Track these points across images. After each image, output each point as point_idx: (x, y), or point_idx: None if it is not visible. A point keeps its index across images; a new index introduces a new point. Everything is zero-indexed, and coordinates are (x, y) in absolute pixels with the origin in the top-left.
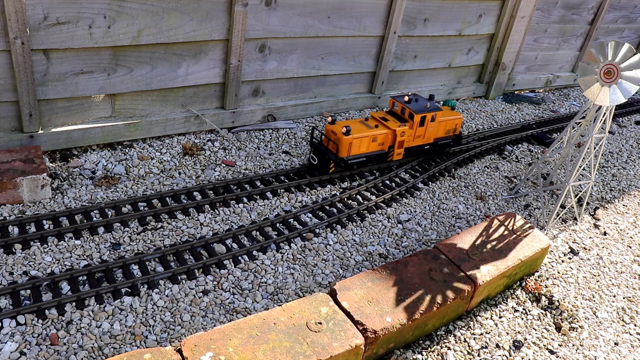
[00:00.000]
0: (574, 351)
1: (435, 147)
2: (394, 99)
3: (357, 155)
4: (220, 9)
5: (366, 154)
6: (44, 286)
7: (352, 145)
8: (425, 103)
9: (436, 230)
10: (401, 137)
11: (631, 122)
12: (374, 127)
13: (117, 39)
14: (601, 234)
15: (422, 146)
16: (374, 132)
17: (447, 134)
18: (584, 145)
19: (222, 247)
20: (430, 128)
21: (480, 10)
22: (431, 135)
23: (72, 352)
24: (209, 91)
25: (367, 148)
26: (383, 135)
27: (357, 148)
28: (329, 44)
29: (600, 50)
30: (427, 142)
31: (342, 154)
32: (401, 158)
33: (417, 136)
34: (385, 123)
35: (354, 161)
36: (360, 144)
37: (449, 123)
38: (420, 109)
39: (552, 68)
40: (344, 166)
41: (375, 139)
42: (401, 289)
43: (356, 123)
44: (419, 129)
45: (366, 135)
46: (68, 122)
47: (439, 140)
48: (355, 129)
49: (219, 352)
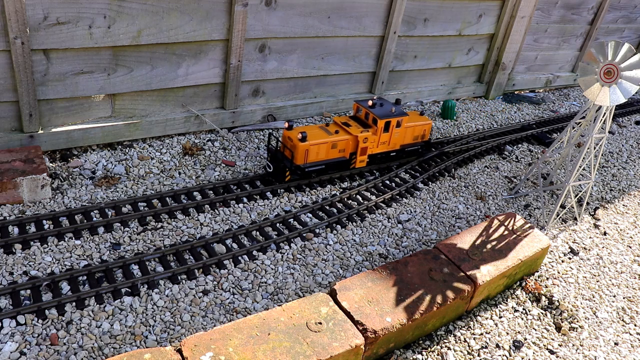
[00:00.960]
0: (574, 351)
1: (402, 154)
2: (358, 103)
3: (315, 162)
4: (220, 9)
5: (325, 161)
6: (44, 286)
7: (308, 152)
8: (391, 108)
9: (436, 230)
10: (364, 144)
11: (631, 122)
12: (334, 133)
13: (117, 39)
14: (601, 234)
15: (387, 153)
16: (334, 138)
17: (415, 140)
18: (584, 145)
19: (222, 247)
20: (396, 134)
21: (480, 10)
22: (397, 142)
23: (72, 352)
24: (209, 91)
25: (326, 155)
26: (344, 142)
27: (314, 155)
28: (329, 44)
29: (600, 50)
30: (393, 148)
31: (298, 161)
32: (364, 166)
33: (381, 142)
34: (347, 129)
35: (312, 169)
36: (319, 151)
37: (417, 129)
38: (384, 114)
39: (552, 68)
40: (301, 174)
41: (335, 145)
42: (401, 289)
43: (315, 129)
44: (383, 135)
45: (325, 141)
46: (68, 122)
47: (406, 146)
48: (312, 135)
49: (219, 352)
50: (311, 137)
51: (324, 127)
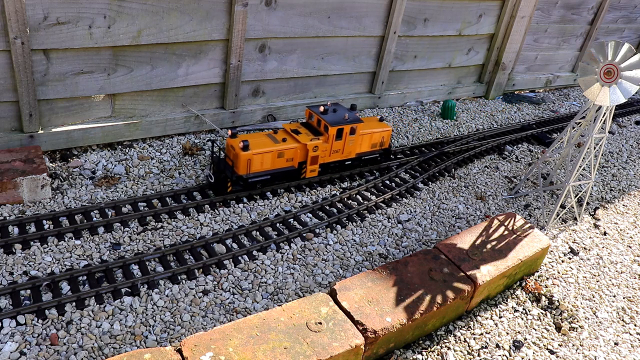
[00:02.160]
0: (574, 351)
1: (358, 162)
2: (310, 110)
3: (259, 172)
4: (220, 9)
5: (271, 171)
6: (44, 286)
7: (251, 162)
8: (344, 114)
9: (436, 230)
10: (314, 152)
11: (631, 122)
12: (281, 141)
13: (117, 39)
14: (601, 234)
15: (342, 162)
16: (280, 146)
17: (374, 148)
18: (584, 145)
19: (222, 247)
20: (350, 142)
21: (480, 10)
22: (352, 150)
23: (72, 352)
24: (209, 91)
25: (272, 164)
26: (292, 150)
27: (258, 165)
28: (329, 44)
29: (600, 50)
30: (348, 157)
31: (240, 171)
32: (316, 175)
33: (334, 151)
34: (295, 136)
35: (256, 179)
36: (263, 160)
37: (375, 136)
38: (336, 120)
39: (552, 68)
40: (244, 185)
41: (282, 154)
42: (401, 289)
43: (261, 137)
44: (335, 143)
45: (269, 150)
46: (68, 122)
47: (363, 155)
48: (256, 144)
49: (219, 352)
50: (255, 146)
51: (272, 134)
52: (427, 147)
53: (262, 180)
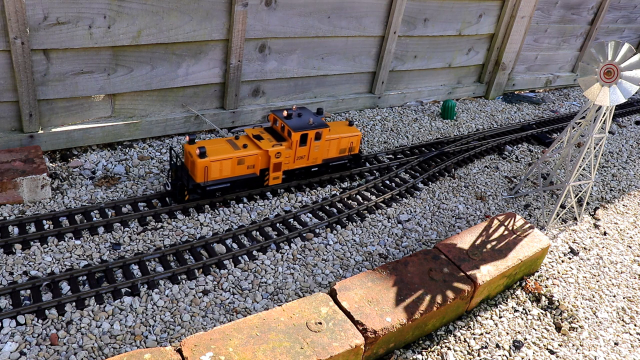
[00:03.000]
0: (574, 351)
1: (326, 169)
2: (274, 114)
3: (218, 180)
4: (220, 9)
5: (230, 178)
6: (44, 286)
7: (209, 169)
8: (309, 119)
9: (436, 230)
10: (277, 159)
11: (631, 122)
12: (241, 148)
13: (117, 39)
14: (601, 234)
15: (307, 168)
16: (240, 153)
17: (342, 154)
18: (584, 145)
19: (222, 247)
20: (316, 148)
21: (480, 10)
22: (318, 156)
23: (72, 352)
24: (209, 91)
25: (232, 172)
26: (253, 157)
27: (217, 172)
28: (329, 44)
29: (600, 50)
30: (314, 163)
31: (198, 179)
32: (280, 182)
33: (298, 157)
34: (257, 142)
35: (214, 187)
36: (222, 168)
37: (343, 141)
38: (300, 125)
39: (552, 68)
40: (201, 193)
41: (242, 161)
42: (401, 289)
43: (221, 143)
44: (300, 149)
45: (229, 157)
46: (68, 122)
47: (330, 161)
48: (214, 150)
49: (219, 352)
50: (213, 153)
51: (232, 140)
52: (427, 147)
53: (222, 188)
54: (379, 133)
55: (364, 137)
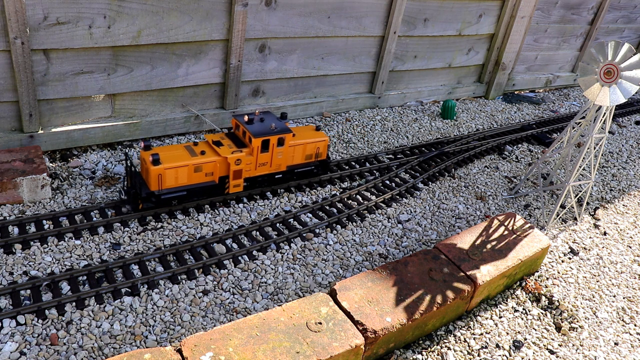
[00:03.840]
0: (574, 351)
1: (291, 175)
2: (236, 119)
3: (173, 188)
4: (220, 9)
5: (187, 186)
6: (44, 286)
7: (164, 177)
8: (271, 124)
9: (436, 230)
10: (237, 166)
11: (631, 122)
12: (199, 154)
13: (117, 39)
14: (601, 234)
15: (270, 175)
16: (197, 160)
17: (308, 160)
18: (584, 145)
19: (222, 247)
20: (279, 154)
21: (480, 10)
22: (282, 162)
23: (72, 352)
24: (209, 91)
25: (189, 179)
26: (211, 164)
27: (172, 180)
28: (329, 44)
29: (600, 50)
30: (278, 170)
31: (152, 187)
32: (242, 190)
33: (260, 164)
34: (216, 149)
35: (169, 196)
36: (177, 175)
37: (309, 147)
38: (261, 131)
39: (552, 68)
40: (156, 202)
41: (200, 168)
42: (401, 289)
43: (178, 149)
44: (261, 156)
45: (184, 164)
46: (68, 122)
47: (295, 167)
48: (168, 157)
49: (219, 352)
50: (167, 160)
51: (190, 146)
52: (427, 147)
53: (178, 197)
54: (379, 133)
55: (363, 137)
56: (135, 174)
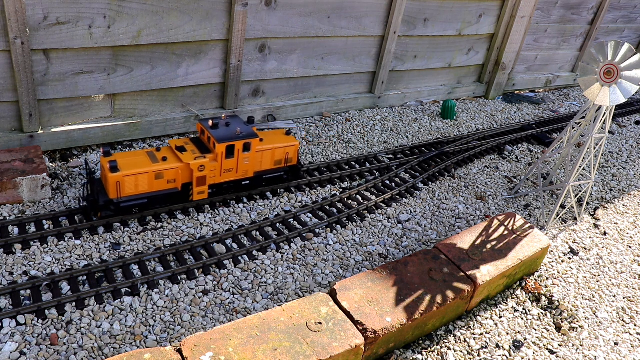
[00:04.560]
0: (574, 351)
1: (259, 182)
2: (201, 124)
3: (133, 196)
4: (220, 9)
5: (148, 194)
6: (44, 286)
7: (123, 185)
8: (237, 128)
9: (436, 230)
10: (200, 172)
11: (631, 122)
12: (160, 160)
13: (117, 39)
14: (601, 234)
15: (237, 182)
16: (158, 167)
17: (277, 166)
18: (584, 145)
19: (222, 247)
20: (245, 160)
21: (480, 10)
22: (249, 168)
23: (72, 352)
24: (209, 91)
25: (150, 187)
26: (173, 171)
27: (132, 187)
28: (329, 44)
29: (600, 50)
30: (245, 176)
31: (111, 194)
32: (206, 197)
33: (226, 170)
34: (179, 155)
35: (129, 203)
36: (138, 182)
37: (278, 152)
38: (226, 136)
39: (552, 68)
40: (115, 210)
41: (161, 175)
42: (401, 289)
43: (139, 155)
44: (226, 162)
45: (145, 171)
46: (68, 122)
47: (263, 173)
48: (128, 164)
49: (219, 352)
50: (127, 166)
51: (153, 152)
52: (427, 147)
53: (139, 205)
54: (379, 133)
55: (363, 137)
56: (96, 181)
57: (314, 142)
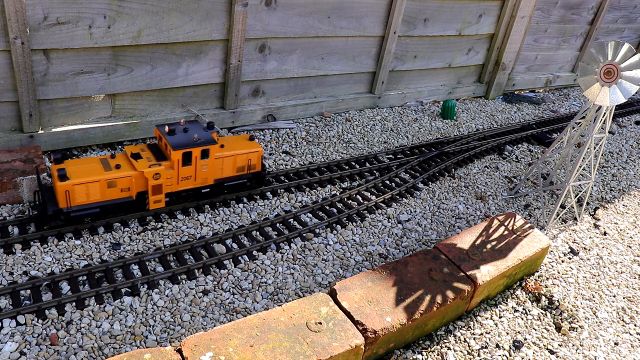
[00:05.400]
0: (574, 351)
1: (220, 190)
2: (158, 129)
3: (85, 205)
4: (220, 9)
5: (101, 203)
6: (44, 286)
7: (72, 194)
8: (194, 134)
9: (436, 230)
10: (156, 181)
11: (631, 122)
12: (113, 168)
13: (117, 39)
14: (601, 234)
15: (196, 190)
16: (111, 175)
17: (240, 172)
18: (584, 145)
19: (222, 247)
20: (204, 167)
21: (480, 10)
22: (209, 176)
23: (72, 352)
24: (209, 91)
25: (102, 195)
26: (126, 179)
27: (83, 196)
28: (329, 44)
29: (600, 50)
30: (204, 184)
31: (60, 203)
32: (164, 206)
33: (183, 178)
34: (133, 162)
35: (80, 213)
36: (89, 191)
37: (240, 158)
38: (182, 142)
39: (552, 68)
40: (65, 220)
41: (114, 183)
42: (401, 289)
43: (91, 162)
44: (183, 169)
45: (96, 180)
46: (68, 122)
47: (224, 181)
48: (78, 172)
49: (219, 352)
50: (77, 175)
51: (107, 159)
52: (427, 147)
53: (91, 214)
54: (379, 133)
55: (363, 137)
56: (47, 189)
57: (314, 142)
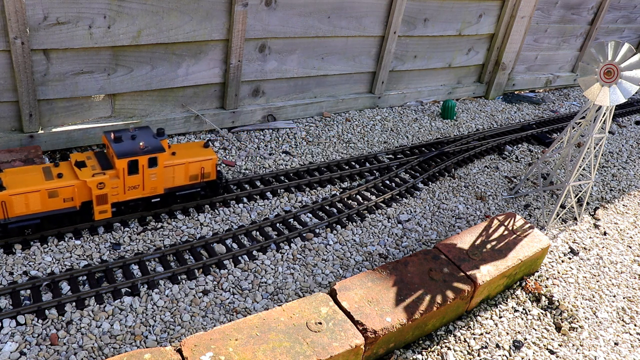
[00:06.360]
0: (574, 351)
1: (172, 199)
2: (105, 136)
3: (24, 216)
4: (220, 9)
5: (42, 213)
6: (44, 286)
7: (10, 204)
8: (140, 142)
9: (436, 230)
10: (100, 190)
11: (631, 122)
12: (55, 177)
13: (117, 39)
14: (601, 234)
15: (146, 199)
16: (52, 184)
17: (193, 181)
18: (584, 145)
19: (222, 247)
20: (152, 176)
21: (480, 10)
22: (158, 185)
23: (72, 352)
24: (209, 91)
25: (44, 206)
26: (69, 189)
27: (22, 207)
28: (329, 44)
29: (600, 50)
30: (153, 193)
31: None
32: (110, 216)
33: (130, 187)
34: (77, 171)
35: (19, 225)
36: (28, 202)
37: (192, 166)
38: (128, 151)
39: (552, 68)
40: (3, 232)
41: (55, 193)
42: (401, 289)
43: (32, 171)
44: (130, 178)
45: (35, 189)
46: (68, 122)
47: (176, 190)
48: (17, 181)
49: (219, 352)
50: (15, 184)
51: (49, 168)
52: (427, 147)
53: (31, 225)
54: (379, 133)
55: (363, 137)
56: None
57: (314, 142)
